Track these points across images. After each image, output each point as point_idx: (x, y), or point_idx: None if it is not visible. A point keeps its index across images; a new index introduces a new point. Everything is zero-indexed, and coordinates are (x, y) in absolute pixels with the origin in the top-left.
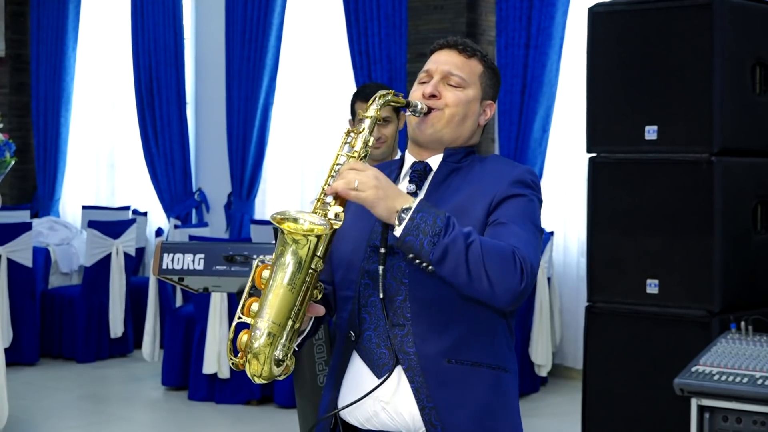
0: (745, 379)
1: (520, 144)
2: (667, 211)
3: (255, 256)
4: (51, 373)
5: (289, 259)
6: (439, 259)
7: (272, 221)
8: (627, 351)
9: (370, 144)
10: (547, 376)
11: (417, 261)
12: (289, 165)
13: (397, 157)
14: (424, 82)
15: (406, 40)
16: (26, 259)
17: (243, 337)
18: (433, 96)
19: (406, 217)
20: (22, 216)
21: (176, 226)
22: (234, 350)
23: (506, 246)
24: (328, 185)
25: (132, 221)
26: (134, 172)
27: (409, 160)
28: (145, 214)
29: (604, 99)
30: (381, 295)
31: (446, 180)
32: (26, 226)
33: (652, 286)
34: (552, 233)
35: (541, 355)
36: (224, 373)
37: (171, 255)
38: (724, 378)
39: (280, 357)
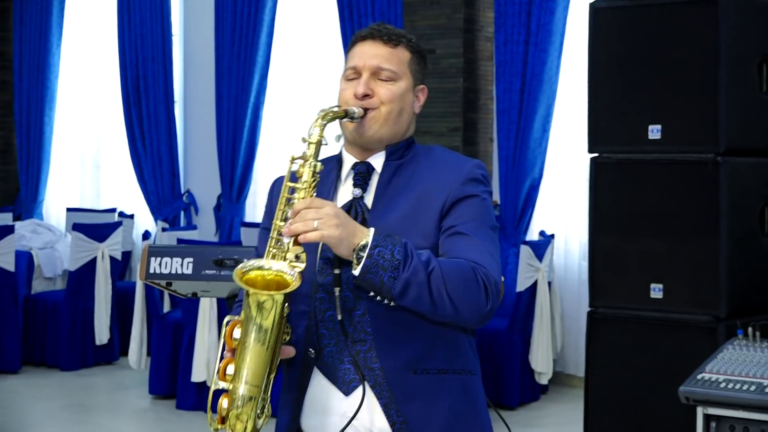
0: (753, 387)
1: (519, 144)
2: (671, 213)
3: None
4: (34, 381)
5: (260, 316)
6: (400, 293)
7: (236, 279)
8: (630, 358)
9: (318, 170)
10: (548, 384)
11: (378, 297)
12: (280, 166)
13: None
14: (352, 79)
15: None
16: (8, 264)
17: (223, 402)
18: (366, 96)
19: (364, 255)
20: (4, 218)
21: (164, 229)
22: (213, 406)
23: (467, 266)
24: (284, 226)
25: (118, 224)
26: (120, 173)
27: (349, 160)
28: (131, 216)
29: (606, 97)
30: (339, 317)
31: (392, 180)
32: (8, 229)
33: (656, 291)
34: (552, 236)
35: (541, 362)
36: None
37: (158, 259)
38: (731, 386)
39: (260, 410)
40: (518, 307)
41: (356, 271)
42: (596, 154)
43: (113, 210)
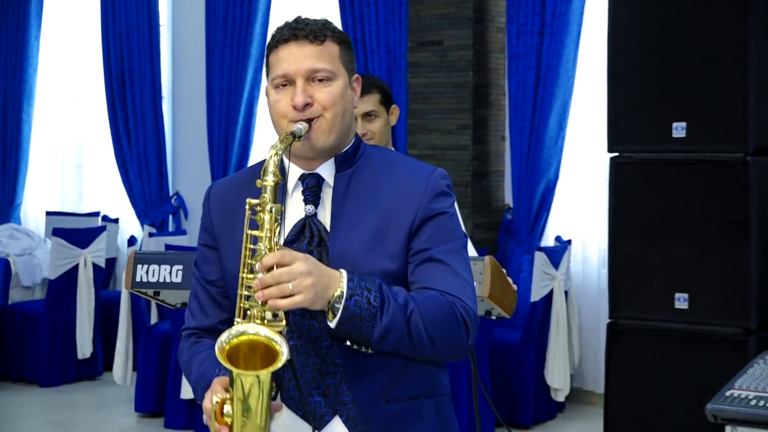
0: None
1: (533, 143)
2: (697, 216)
3: None
4: (11, 398)
5: (250, 393)
6: (378, 340)
7: (218, 356)
8: (653, 373)
9: (279, 215)
10: (565, 401)
11: (356, 346)
12: None
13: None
14: (281, 86)
15: (407, 26)
16: None
17: None
18: (307, 105)
19: (340, 307)
20: None
21: (151, 234)
22: None
23: (445, 304)
24: (253, 279)
25: (102, 229)
26: (104, 174)
27: (294, 171)
28: (116, 220)
29: (627, 92)
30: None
31: (348, 192)
32: None
33: (681, 301)
34: (569, 242)
35: (557, 378)
36: None
37: (145, 266)
38: (762, 403)
39: None
40: (533, 319)
41: (332, 323)
42: (616, 154)
43: (96, 214)
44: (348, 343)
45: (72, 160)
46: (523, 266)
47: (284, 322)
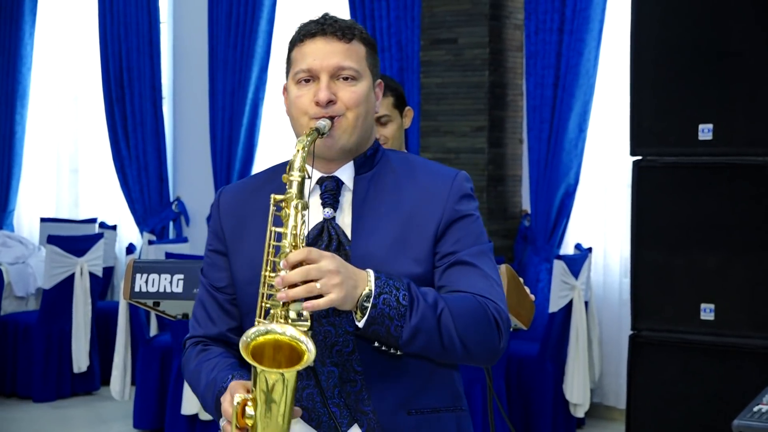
0: None
1: (552, 146)
2: (723, 223)
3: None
4: (2, 414)
5: (272, 393)
6: (407, 341)
7: (242, 351)
8: (677, 387)
9: (304, 211)
10: (585, 417)
11: (384, 347)
12: None
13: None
14: (304, 81)
15: (419, 23)
16: None
17: None
18: (330, 102)
19: (369, 305)
20: None
21: (150, 242)
22: None
23: (476, 304)
24: (275, 277)
25: (99, 236)
26: (101, 178)
27: (315, 175)
28: (114, 227)
29: (651, 93)
30: (311, 364)
31: (368, 196)
32: None
33: (707, 312)
34: (590, 250)
35: (577, 392)
36: (206, 415)
37: (144, 276)
38: None
39: None
40: (551, 330)
41: (360, 323)
42: (639, 157)
43: (93, 220)
44: (376, 344)
45: (68, 164)
46: (541, 275)
47: (309, 322)
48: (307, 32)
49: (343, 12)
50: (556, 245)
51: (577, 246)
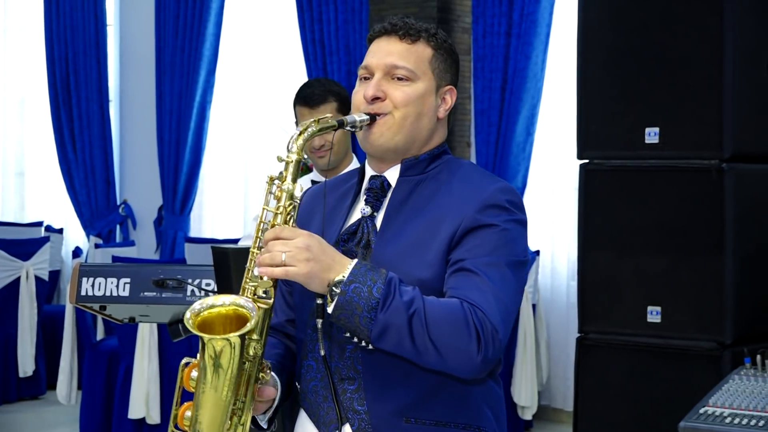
0: (762, 423)
1: (500, 149)
2: (670, 226)
3: (190, 281)
4: None
5: (217, 358)
6: (378, 336)
7: (188, 326)
8: (624, 389)
9: (296, 194)
10: (532, 419)
11: (355, 339)
12: (229, 174)
13: (352, 165)
14: (365, 79)
15: (367, 27)
16: None
17: None
18: (376, 98)
19: (338, 291)
20: None
21: (97, 246)
22: None
23: (458, 309)
24: (256, 255)
25: (45, 240)
26: (47, 181)
27: (368, 172)
28: (60, 231)
29: (598, 97)
30: (322, 352)
31: (408, 200)
32: None
33: (654, 314)
34: (537, 253)
35: (524, 395)
36: (153, 418)
37: (91, 279)
38: (737, 421)
39: None
40: None
41: (329, 309)
42: (586, 161)
43: (39, 224)
44: (347, 335)
45: (13, 167)
46: None
47: (272, 300)
48: (375, 32)
49: (291, 15)
50: None
51: None
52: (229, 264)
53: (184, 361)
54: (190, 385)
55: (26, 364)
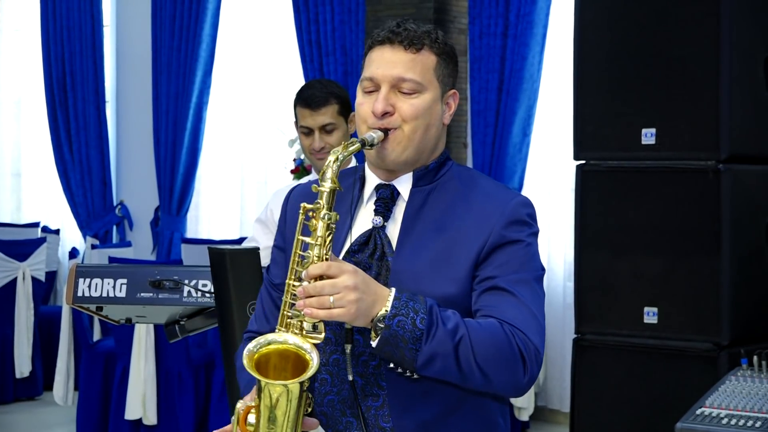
0: (759, 424)
1: (496, 150)
2: (667, 227)
3: (186, 282)
4: None
5: (276, 404)
6: (423, 365)
7: (245, 364)
8: (621, 390)
9: (333, 224)
10: (529, 420)
11: (400, 370)
12: (226, 175)
13: (351, 164)
14: (370, 92)
15: (364, 27)
16: None
17: None
18: (386, 113)
19: (382, 326)
20: None
21: (94, 246)
22: None
23: (501, 333)
24: (299, 287)
25: (41, 240)
26: (44, 182)
27: (372, 180)
28: (57, 232)
29: (594, 97)
30: (350, 377)
31: (422, 211)
32: None
33: (651, 315)
34: None
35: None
36: (150, 419)
37: (87, 280)
38: (734, 422)
39: None
40: None
41: (374, 343)
42: (583, 162)
43: (36, 224)
44: (392, 365)
45: (10, 168)
46: None
47: (323, 335)
48: (377, 39)
49: (287, 16)
50: None
51: None
52: (225, 265)
53: (239, 404)
54: (246, 429)
55: (23, 364)
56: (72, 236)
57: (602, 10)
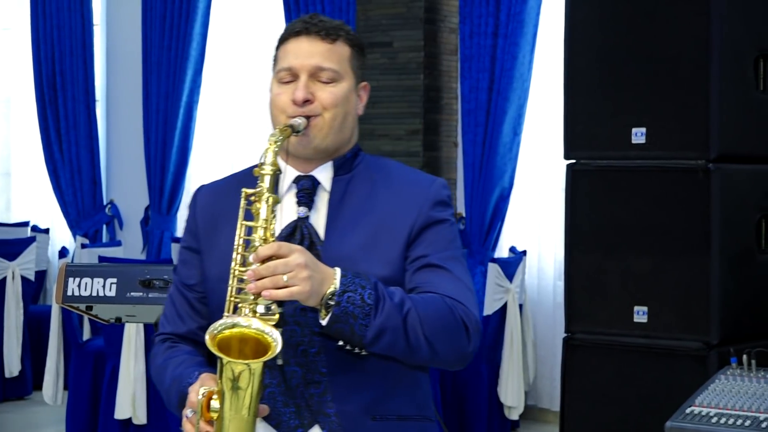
0: (748, 422)
1: (487, 149)
2: (657, 227)
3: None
4: None
5: (238, 385)
6: (372, 340)
7: (208, 344)
8: (611, 389)
9: (275, 206)
10: (519, 419)
11: (348, 346)
12: (216, 173)
13: None
14: (287, 82)
15: (354, 27)
16: None
17: None
18: (306, 101)
19: (333, 303)
20: None
21: (83, 246)
22: None
23: (444, 305)
24: (246, 271)
25: (31, 240)
26: (34, 181)
27: (289, 171)
28: (46, 231)
29: (585, 97)
30: (279, 362)
31: (345, 198)
32: None
33: (640, 314)
34: (524, 253)
35: (511, 395)
36: (140, 419)
37: (77, 279)
38: (723, 421)
39: None
40: (486, 333)
41: (323, 321)
42: (573, 161)
43: (25, 224)
44: (341, 343)
45: (0, 167)
46: (476, 278)
47: (277, 315)
48: (292, 30)
49: (278, 15)
50: (490, 248)
51: (512, 249)
52: None
53: (201, 389)
54: (208, 415)
55: (12, 364)
56: (62, 235)
57: (592, 9)
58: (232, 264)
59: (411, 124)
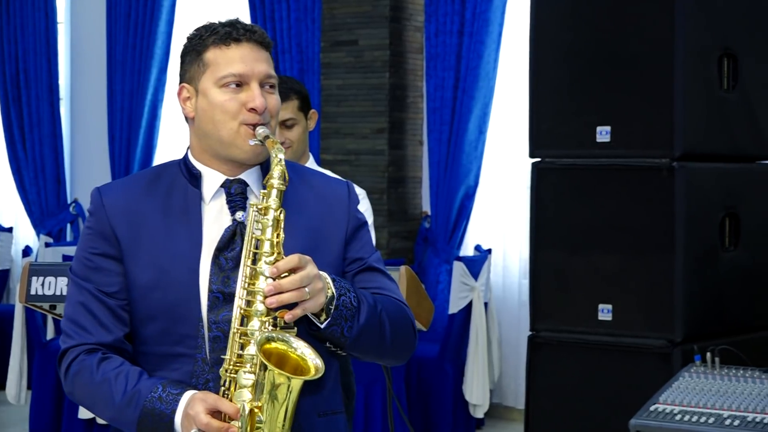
0: (712, 420)
1: (452, 148)
2: (621, 225)
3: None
4: None
5: (279, 397)
6: (355, 340)
7: (257, 349)
8: (576, 387)
9: (282, 219)
10: (484, 417)
11: (333, 348)
12: None
13: (309, 162)
14: (232, 85)
15: (320, 26)
16: None
17: None
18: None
19: (332, 307)
20: None
21: (47, 244)
22: None
23: (399, 307)
24: (261, 283)
25: None
26: None
27: (213, 175)
28: (9, 230)
29: (550, 95)
30: (206, 356)
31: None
32: None
33: (605, 312)
34: (490, 251)
35: (476, 393)
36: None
37: (41, 278)
38: (687, 418)
39: None
40: (450, 332)
41: (322, 325)
42: (538, 159)
43: None
44: (328, 344)
45: None
46: (441, 277)
47: (296, 328)
48: (228, 36)
49: (243, 13)
50: (456, 247)
51: (477, 247)
52: None
53: (240, 402)
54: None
55: None
56: (25, 234)
57: (557, 9)
58: (240, 276)
59: (376, 122)
